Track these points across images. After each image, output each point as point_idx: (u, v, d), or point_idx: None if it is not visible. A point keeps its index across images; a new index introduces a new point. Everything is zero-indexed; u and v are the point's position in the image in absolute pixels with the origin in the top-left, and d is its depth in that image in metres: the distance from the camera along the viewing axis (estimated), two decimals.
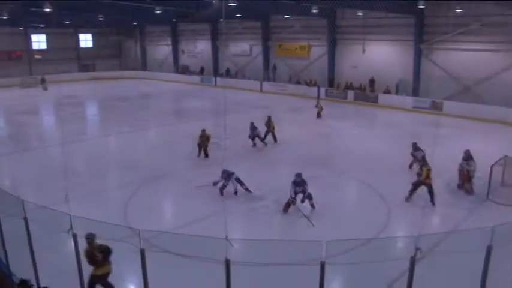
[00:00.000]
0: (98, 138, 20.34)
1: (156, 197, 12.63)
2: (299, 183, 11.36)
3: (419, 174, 12.14)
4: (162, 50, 48.32)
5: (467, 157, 12.98)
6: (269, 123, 17.63)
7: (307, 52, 35.14)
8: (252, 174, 14.18)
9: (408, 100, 27.89)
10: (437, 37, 27.10)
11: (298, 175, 11.43)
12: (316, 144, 18.60)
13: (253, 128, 17.14)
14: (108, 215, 10.10)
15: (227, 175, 12.49)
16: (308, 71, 35.12)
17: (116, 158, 16.85)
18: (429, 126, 21.38)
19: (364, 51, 31.15)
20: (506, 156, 13.15)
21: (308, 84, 33.65)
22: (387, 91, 29.43)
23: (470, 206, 11.86)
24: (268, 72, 37.71)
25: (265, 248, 7.18)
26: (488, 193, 12.39)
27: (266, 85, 36.12)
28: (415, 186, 12.09)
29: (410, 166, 14.89)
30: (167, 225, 10.37)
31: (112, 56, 50.60)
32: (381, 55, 30.38)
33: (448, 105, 25.89)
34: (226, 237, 6.09)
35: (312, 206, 11.54)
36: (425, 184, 11.92)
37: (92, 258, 7.24)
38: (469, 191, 12.64)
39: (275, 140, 17.24)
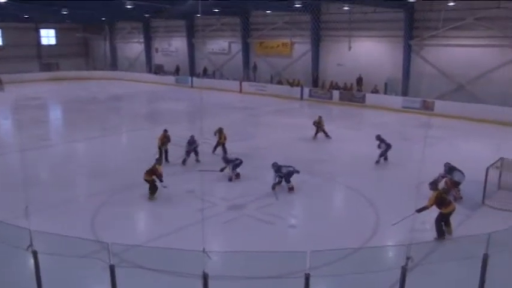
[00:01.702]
0: (64, 144, 20.03)
1: (127, 207, 12.47)
2: (276, 170, 13.44)
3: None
4: (134, 48, 48.01)
5: (449, 170, 12.81)
6: (220, 135, 17.41)
7: (289, 50, 35.35)
8: (231, 182, 14.15)
9: (397, 100, 28.27)
10: (428, 33, 27.57)
11: (273, 164, 13.50)
12: (300, 148, 18.68)
13: (192, 141, 16.62)
14: (74, 229, 9.94)
15: (227, 161, 14.33)
16: (291, 70, 35.33)
17: (84, 166, 16.61)
18: (420, 127, 21.69)
19: (350, 48, 31.48)
20: (502, 158, 13.37)
21: (291, 84, 33.83)
22: (375, 90, 29.79)
23: (465, 212, 11.97)
24: (248, 72, 37.81)
25: (245, 260, 7.15)
26: (484, 198, 12.56)
27: (246, 85, 36.21)
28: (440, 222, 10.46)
29: (378, 162, 16.24)
30: (140, 238, 10.26)
31: (78, 54, 50.01)
32: (368, 52, 30.76)
33: (439, 104, 26.33)
34: (204, 249, 6.05)
35: (290, 188, 13.32)
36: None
37: None
38: (456, 197, 12.76)
39: (225, 152, 17.03)
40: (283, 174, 13.38)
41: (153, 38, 46.28)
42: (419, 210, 10.09)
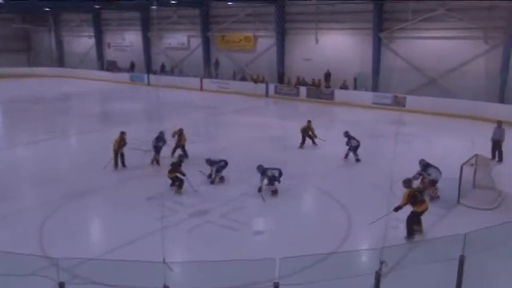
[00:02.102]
0: (5, 150, 19.42)
1: (80, 216, 12.23)
2: (262, 173, 13.56)
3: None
4: (83, 42, 47.01)
5: (424, 167, 13.20)
6: (180, 136, 17.39)
7: (253, 44, 35.47)
8: (194, 185, 14.07)
9: (368, 96, 28.82)
10: (398, 24, 28.21)
11: (258, 167, 13.70)
12: (266, 149, 18.73)
13: (160, 137, 16.56)
14: (19, 244, 9.66)
15: (210, 163, 14.42)
16: (255, 66, 35.46)
17: (29, 173, 16.15)
18: (392, 124, 22.15)
19: (317, 41, 31.84)
20: (477, 154, 13.76)
21: (255, 80, 33.95)
22: (344, 86, 30.25)
23: (439, 212, 12.27)
24: (210, 68, 37.72)
25: (209, 270, 7.12)
26: (458, 196, 12.90)
27: (207, 82, 36.15)
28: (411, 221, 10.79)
29: (346, 156, 16.72)
30: (94, 250, 10.06)
31: (18, 49, 48.30)
32: (336, 46, 31.20)
33: (411, 100, 26.99)
34: (164, 260, 6.00)
35: (273, 191, 13.48)
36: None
37: None
38: (433, 197, 13.12)
39: (186, 155, 17.04)
40: (269, 177, 13.48)
41: (105, 31, 45.52)
42: (396, 209, 10.43)
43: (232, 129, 22.60)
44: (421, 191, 10.96)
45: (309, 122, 19.32)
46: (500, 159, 16.95)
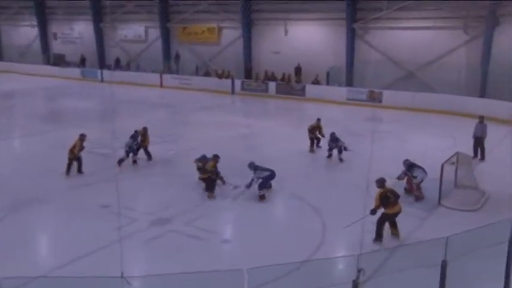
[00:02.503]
0: None
1: (26, 228, 11.95)
2: (255, 171, 13.74)
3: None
4: (25, 32, 45.94)
5: (409, 167, 13.57)
6: (144, 137, 17.34)
7: (217, 36, 35.47)
8: (155, 192, 13.98)
9: (341, 91, 29.20)
10: (373, 14, 28.69)
11: (250, 164, 13.96)
12: (233, 150, 18.73)
13: (136, 136, 16.68)
14: None
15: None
16: (220, 60, 35.50)
17: None
18: (367, 121, 22.49)
19: (286, 32, 32.07)
20: (458, 152, 14.09)
21: (220, 76, 33.96)
22: (316, 81, 30.57)
23: (419, 214, 12.55)
24: (170, 62, 37.49)
25: (172, 283, 7.07)
26: (440, 197, 13.18)
27: (167, 78, 35.99)
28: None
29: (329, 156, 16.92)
30: (43, 267, 9.86)
31: None
32: (307, 38, 31.48)
33: (388, 95, 27.49)
34: (122, 274, 5.93)
35: (261, 197, 13.54)
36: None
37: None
38: (419, 197, 13.40)
39: (149, 157, 17.02)
40: (263, 178, 13.62)
41: (50, 20, 44.63)
42: (372, 212, 10.72)
43: (197, 128, 22.52)
44: (394, 192, 11.16)
45: (319, 120, 18.93)
46: (483, 157, 17.41)
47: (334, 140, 17.03)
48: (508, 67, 23.49)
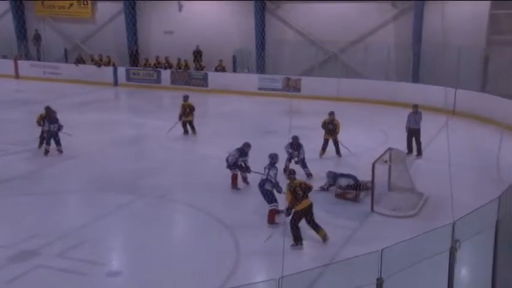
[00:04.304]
0: None
1: None
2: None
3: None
4: None
5: (334, 179, 14.43)
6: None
7: (90, 11, 34.87)
8: (14, 216, 13.37)
9: (252, 79, 29.57)
10: None
11: (273, 156, 13.74)
12: (117, 156, 18.45)
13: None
14: None
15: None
16: (96, 42, 34.89)
17: None
18: (284, 116, 22.73)
19: (181, 8, 31.89)
20: (390, 149, 14.51)
21: (98, 62, 33.17)
22: (221, 68, 30.65)
23: (350, 225, 12.89)
24: (26, 45, 36.17)
25: None
26: (372, 203, 13.59)
27: (25, 66, 34.89)
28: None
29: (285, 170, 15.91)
30: None
31: None
32: (207, 14, 31.52)
33: (307, 83, 28.13)
34: None
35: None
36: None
37: None
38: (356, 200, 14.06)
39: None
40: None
41: None
42: (287, 213, 11.50)
43: (68, 131, 21.72)
44: (304, 186, 11.80)
45: (332, 114, 18.36)
46: (419, 153, 18.09)
47: (296, 147, 16.20)
48: (442, 47, 24.52)
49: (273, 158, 13.63)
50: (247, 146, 15.32)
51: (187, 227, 13.91)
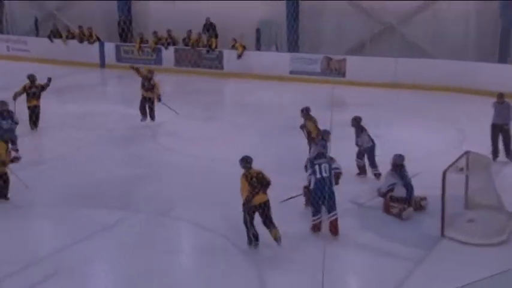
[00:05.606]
0: None
1: None
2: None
3: None
4: None
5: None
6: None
7: None
8: None
9: (281, 60, 29.54)
10: None
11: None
12: (104, 159, 18.44)
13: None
14: None
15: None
16: (76, 10, 35.30)
17: None
18: (324, 108, 22.42)
19: None
20: (468, 152, 14.03)
21: (80, 37, 33.23)
22: (240, 46, 30.38)
23: (412, 253, 12.57)
24: None
25: None
26: (442, 225, 13.18)
27: None
28: None
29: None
30: None
31: None
32: None
33: (355, 64, 27.97)
34: None
35: None
36: None
37: None
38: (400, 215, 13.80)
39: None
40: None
41: None
42: (244, 206, 12.38)
43: (42, 125, 21.83)
44: (261, 177, 12.41)
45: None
46: (509, 155, 17.69)
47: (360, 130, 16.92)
48: None
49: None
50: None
51: (191, 249, 13.94)
